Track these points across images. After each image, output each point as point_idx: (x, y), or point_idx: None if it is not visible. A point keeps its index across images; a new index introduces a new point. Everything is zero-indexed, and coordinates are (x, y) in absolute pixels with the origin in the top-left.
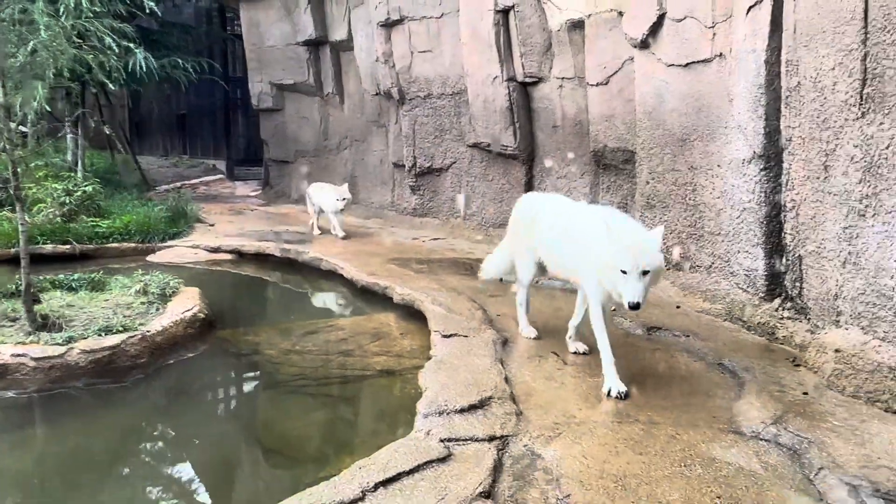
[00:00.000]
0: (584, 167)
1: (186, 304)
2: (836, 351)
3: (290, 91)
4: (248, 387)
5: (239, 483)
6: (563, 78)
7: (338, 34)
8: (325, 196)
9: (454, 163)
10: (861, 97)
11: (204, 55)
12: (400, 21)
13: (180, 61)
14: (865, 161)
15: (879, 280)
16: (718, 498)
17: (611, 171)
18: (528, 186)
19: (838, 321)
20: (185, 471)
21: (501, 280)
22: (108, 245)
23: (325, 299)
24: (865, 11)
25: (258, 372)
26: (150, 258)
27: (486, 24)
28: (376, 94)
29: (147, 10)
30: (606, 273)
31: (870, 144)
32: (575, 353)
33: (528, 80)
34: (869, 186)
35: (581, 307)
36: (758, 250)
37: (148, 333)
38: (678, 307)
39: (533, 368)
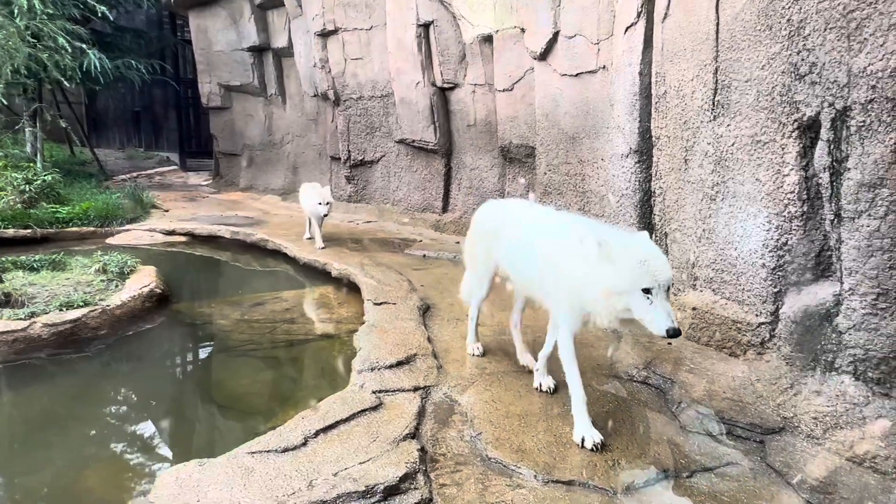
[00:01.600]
0: (494, 160)
1: (144, 280)
2: (693, 309)
3: (236, 91)
4: (202, 352)
5: (195, 435)
6: (475, 84)
7: (279, 42)
8: (307, 198)
9: (384, 156)
10: (713, 103)
11: (156, 58)
12: (335, 31)
13: (133, 63)
14: (716, 156)
15: (726, 251)
16: (602, 429)
17: (515, 164)
18: (447, 177)
19: (695, 285)
20: (144, 427)
21: (424, 256)
22: (69, 229)
23: (272, 275)
24: (717, 33)
25: (211, 339)
26: (109, 241)
27: (409, 36)
28: (315, 95)
29: (99, 14)
30: (607, 299)
31: (719, 142)
32: (538, 389)
33: (446, 85)
34: (718, 176)
35: (552, 335)
36: (633, 229)
37: (108, 307)
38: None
39: (451, 330)
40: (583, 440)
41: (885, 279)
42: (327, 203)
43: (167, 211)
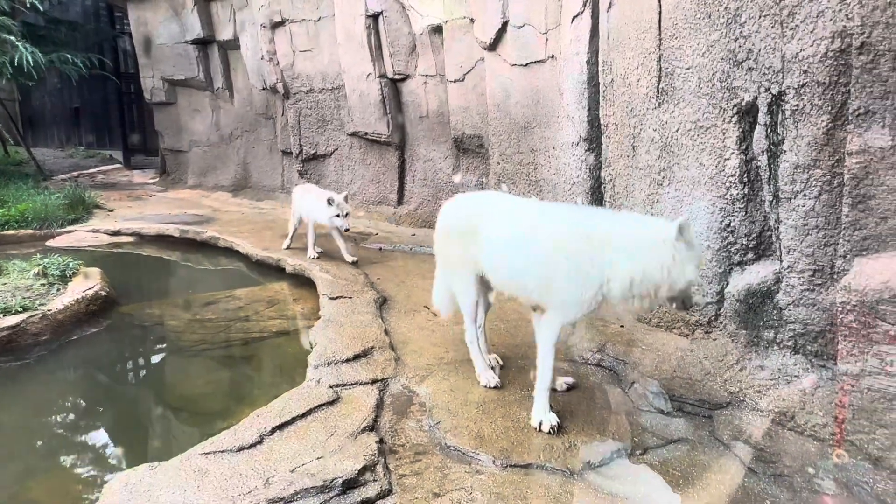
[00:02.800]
0: (447, 151)
1: (87, 283)
2: None
3: (181, 86)
4: (152, 355)
5: (148, 440)
6: (426, 75)
7: (225, 34)
8: (315, 209)
9: (336, 149)
10: (658, 91)
11: (94, 51)
12: (281, 23)
13: (69, 57)
14: (661, 142)
15: None
16: (558, 412)
17: (469, 154)
18: (401, 169)
19: None
20: (93, 434)
21: (380, 249)
22: (5, 232)
23: (224, 273)
24: (659, 22)
25: (162, 341)
26: (50, 243)
27: (358, 27)
28: (263, 88)
29: (28, 5)
30: (668, 287)
31: (664, 128)
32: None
33: (397, 77)
34: (664, 162)
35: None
36: None
37: (49, 312)
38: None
39: (408, 321)
40: (540, 424)
41: (820, 256)
42: (346, 214)
43: (111, 211)
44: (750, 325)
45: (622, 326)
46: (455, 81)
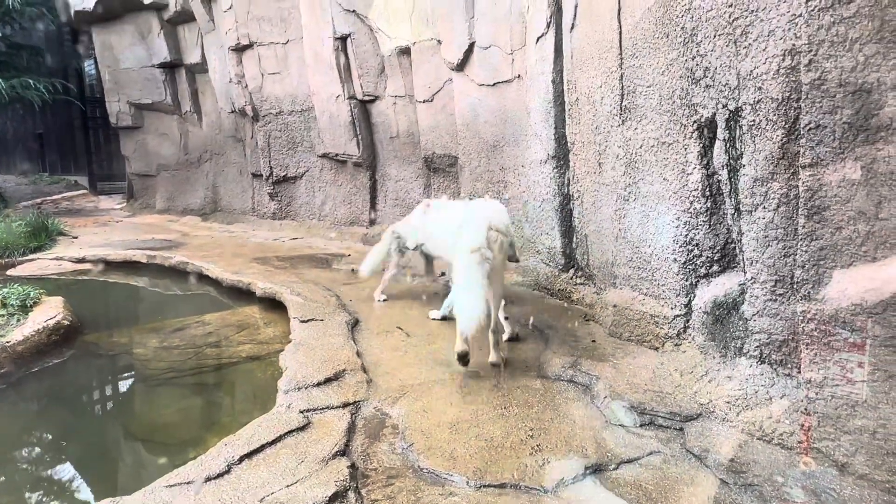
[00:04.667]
0: (418, 171)
1: (49, 312)
2: (614, 306)
3: (148, 110)
4: (118, 384)
5: (113, 473)
6: (396, 96)
7: (192, 57)
8: (442, 233)
9: (307, 171)
10: (621, 108)
11: (58, 76)
12: (249, 46)
13: (31, 82)
14: (626, 158)
15: (641, 249)
16: (531, 430)
17: (439, 174)
18: (373, 190)
19: (615, 283)
20: (56, 469)
21: (353, 271)
22: None
23: (193, 299)
24: (620, 42)
25: (128, 370)
26: (11, 272)
27: (327, 49)
28: (232, 111)
29: None
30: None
31: (629, 145)
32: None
33: (366, 98)
34: (630, 177)
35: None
36: (555, 232)
37: (8, 344)
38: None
39: (381, 343)
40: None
41: (781, 266)
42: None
43: (76, 238)
44: (718, 337)
45: (593, 342)
46: (424, 102)
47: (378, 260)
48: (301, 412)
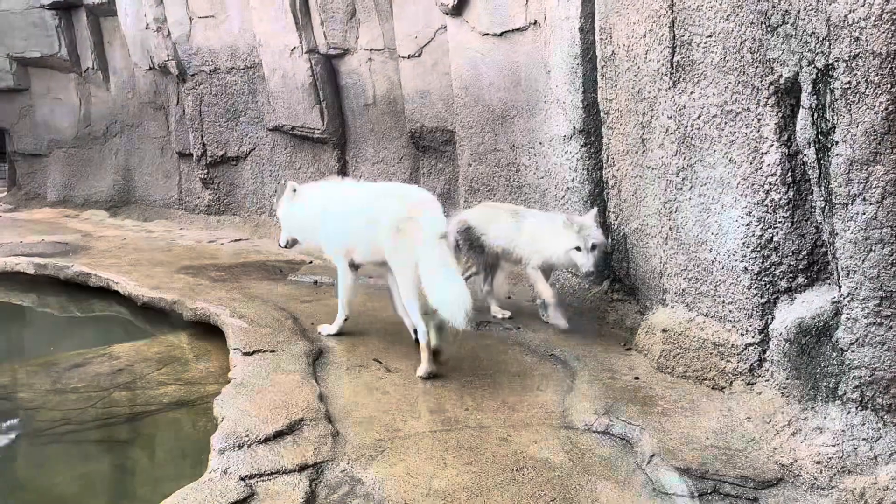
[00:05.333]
0: (402, 150)
1: None
2: (664, 331)
3: (36, 67)
4: None
5: None
6: (371, 49)
7: None
8: (553, 240)
9: (253, 149)
10: (672, 66)
11: None
12: None
13: None
14: (680, 132)
15: (699, 254)
16: (552, 500)
17: (431, 154)
18: (343, 174)
19: (664, 300)
20: None
21: (316, 283)
22: None
23: (98, 323)
24: None
25: (8, 421)
26: None
27: None
28: (150, 68)
29: None
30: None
31: (683, 115)
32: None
33: (332, 51)
34: (684, 158)
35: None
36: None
37: None
38: (509, 297)
39: (352, 380)
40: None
41: (887, 279)
42: (592, 248)
43: None
44: (804, 374)
45: (636, 378)
46: (409, 57)
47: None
48: (242, 479)
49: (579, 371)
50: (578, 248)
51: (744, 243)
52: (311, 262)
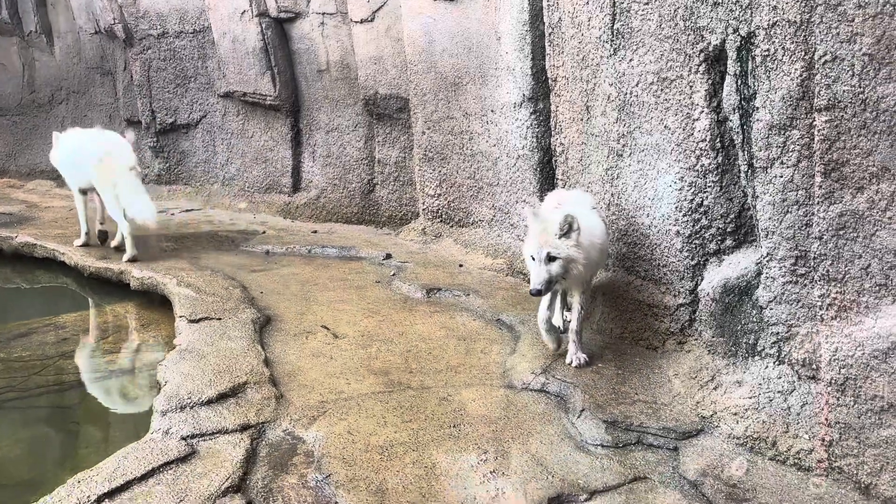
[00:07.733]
0: (357, 118)
1: None
2: (603, 294)
3: None
4: None
5: None
6: (323, 13)
7: None
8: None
9: (204, 117)
10: (612, 33)
11: None
12: None
13: None
14: (620, 99)
15: (638, 219)
16: (485, 453)
17: (386, 122)
18: (296, 143)
19: (607, 265)
20: None
21: (268, 253)
22: None
23: (43, 294)
24: None
25: None
26: None
27: None
28: (96, 32)
29: None
30: None
31: (623, 82)
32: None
33: (283, 15)
34: (624, 125)
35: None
36: (534, 199)
37: None
38: (461, 265)
39: (298, 347)
40: None
41: (802, 239)
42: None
43: None
44: (727, 331)
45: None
46: (362, 22)
47: None
48: (183, 438)
49: (524, 335)
50: (532, 258)
51: (676, 207)
52: (264, 233)
